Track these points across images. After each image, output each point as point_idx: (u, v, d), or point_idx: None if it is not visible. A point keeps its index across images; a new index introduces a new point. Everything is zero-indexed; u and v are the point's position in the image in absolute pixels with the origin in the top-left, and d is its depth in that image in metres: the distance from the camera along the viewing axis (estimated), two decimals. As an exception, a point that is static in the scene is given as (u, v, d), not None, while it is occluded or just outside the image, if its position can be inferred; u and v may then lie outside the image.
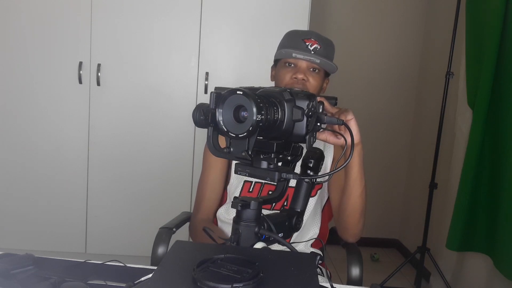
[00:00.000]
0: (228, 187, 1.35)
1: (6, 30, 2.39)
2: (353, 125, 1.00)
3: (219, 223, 1.36)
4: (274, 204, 1.20)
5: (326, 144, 1.28)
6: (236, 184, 1.32)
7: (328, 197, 1.37)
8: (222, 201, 1.39)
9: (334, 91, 1.78)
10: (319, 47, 1.25)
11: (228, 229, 1.29)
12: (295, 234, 1.24)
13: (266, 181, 1.07)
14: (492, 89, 1.96)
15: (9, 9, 2.37)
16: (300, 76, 1.24)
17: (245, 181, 1.31)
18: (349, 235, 1.25)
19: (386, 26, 3.15)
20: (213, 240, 0.91)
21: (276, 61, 1.33)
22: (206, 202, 1.35)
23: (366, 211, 1.18)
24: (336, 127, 0.98)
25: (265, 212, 0.89)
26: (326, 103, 0.99)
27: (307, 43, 1.25)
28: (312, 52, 1.24)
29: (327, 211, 1.39)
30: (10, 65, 2.41)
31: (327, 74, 1.33)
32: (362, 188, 1.12)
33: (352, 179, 1.10)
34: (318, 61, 1.24)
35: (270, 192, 1.28)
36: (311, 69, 1.26)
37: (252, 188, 1.31)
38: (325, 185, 1.34)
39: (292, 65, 1.27)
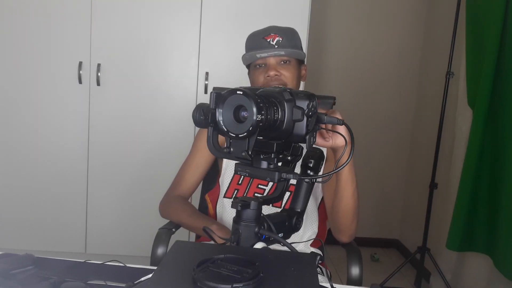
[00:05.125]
0: (220, 179, 1.36)
1: (6, 30, 2.38)
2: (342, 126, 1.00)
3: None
4: None
5: None
6: (228, 176, 1.33)
7: (323, 197, 1.37)
8: (208, 191, 1.41)
9: (333, 91, 1.79)
10: (281, 39, 1.26)
11: (223, 222, 1.31)
12: (293, 234, 1.24)
13: None
14: (492, 89, 1.95)
15: (9, 9, 2.37)
16: (271, 73, 1.26)
17: (235, 174, 1.31)
18: (343, 236, 1.24)
19: (386, 26, 3.15)
20: (213, 239, 0.91)
21: (248, 67, 1.35)
22: (185, 182, 1.38)
23: (359, 212, 1.17)
24: (325, 127, 0.98)
25: (264, 211, 0.89)
26: None
27: (268, 40, 1.27)
28: (276, 46, 1.25)
29: (324, 210, 1.39)
30: (10, 65, 2.41)
31: (301, 62, 1.33)
32: (353, 188, 1.11)
33: (343, 180, 1.09)
34: (283, 53, 1.25)
35: (259, 186, 1.29)
36: (281, 62, 1.28)
37: (241, 181, 1.31)
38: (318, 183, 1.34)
39: (263, 65, 1.29)
